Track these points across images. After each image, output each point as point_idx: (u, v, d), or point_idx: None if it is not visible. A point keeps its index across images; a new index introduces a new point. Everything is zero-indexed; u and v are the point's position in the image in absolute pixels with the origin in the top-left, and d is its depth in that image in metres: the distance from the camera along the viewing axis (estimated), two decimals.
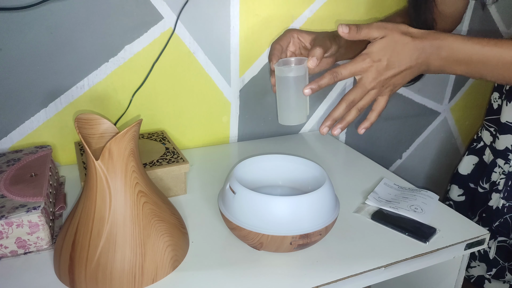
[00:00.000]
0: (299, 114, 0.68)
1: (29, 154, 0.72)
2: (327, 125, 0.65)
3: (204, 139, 0.95)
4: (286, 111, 0.68)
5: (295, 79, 0.66)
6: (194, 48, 0.85)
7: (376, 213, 0.68)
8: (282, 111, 0.69)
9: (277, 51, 0.71)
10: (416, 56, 0.62)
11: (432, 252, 0.61)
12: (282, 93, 0.68)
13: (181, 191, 0.73)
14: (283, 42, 0.73)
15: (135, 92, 0.84)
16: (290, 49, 0.75)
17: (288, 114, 0.68)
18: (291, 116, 0.69)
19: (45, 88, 0.77)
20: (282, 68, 0.67)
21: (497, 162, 0.91)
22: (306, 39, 0.74)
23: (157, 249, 0.53)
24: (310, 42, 0.73)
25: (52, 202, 0.65)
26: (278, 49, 0.72)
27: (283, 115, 0.69)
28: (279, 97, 0.68)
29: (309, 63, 0.66)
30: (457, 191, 1.04)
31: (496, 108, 0.94)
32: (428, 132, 1.26)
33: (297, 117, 0.68)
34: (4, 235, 0.55)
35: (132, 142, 0.52)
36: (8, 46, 0.72)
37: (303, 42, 0.74)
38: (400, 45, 0.61)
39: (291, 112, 0.68)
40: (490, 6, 1.14)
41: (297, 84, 0.66)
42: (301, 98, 0.67)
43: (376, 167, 0.86)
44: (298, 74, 0.66)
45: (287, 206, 0.55)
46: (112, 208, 0.51)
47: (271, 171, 0.69)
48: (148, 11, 0.79)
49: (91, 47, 0.77)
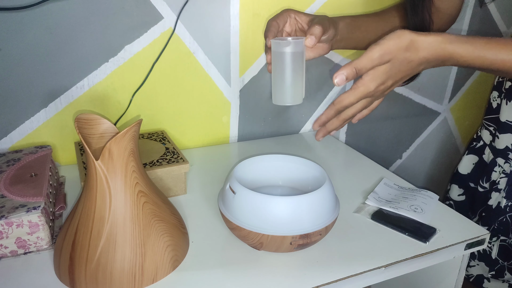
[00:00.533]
0: (295, 93, 0.65)
1: (29, 154, 0.72)
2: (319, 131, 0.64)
3: (204, 139, 0.95)
4: (281, 89, 0.65)
5: (293, 55, 0.62)
6: (194, 48, 0.85)
7: (376, 213, 0.68)
8: (277, 89, 0.65)
9: (273, 28, 0.69)
10: (421, 68, 0.61)
11: (432, 252, 0.61)
12: (277, 70, 0.64)
13: (181, 191, 0.73)
14: (280, 21, 0.71)
15: (135, 92, 0.84)
16: (286, 30, 0.72)
17: (283, 93, 0.65)
18: (286, 96, 0.65)
19: (45, 88, 0.77)
20: (280, 42, 0.63)
21: (497, 161, 0.91)
22: (303, 20, 0.72)
23: (157, 249, 0.53)
24: (307, 23, 0.71)
25: (52, 202, 0.65)
26: (275, 26, 0.69)
27: (278, 94, 0.65)
28: (274, 74, 0.65)
29: (307, 41, 0.64)
30: (457, 191, 1.04)
31: (495, 107, 0.94)
32: (428, 132, 1.26)
33: (292, 96, 0.65)
34: (4, 235, 0.55)
35: (132, 142, 0.52)
36: (8, 46, 0.72)
37: (300, 22, 0.72)
38: (405, 64, 0.60)
39: (287, 91, 0.64)
40: (489, 3, 1.13)
41: (294, 60, 0.63)
42: (298, 76, 0.64)
43: (376, 167, 0.86)
44: (295, 50, 0.62)
45: (287, 206, 0.55)
46: (112, 208, 0.51)
47: (271, 171, 0.69)
48: (148, 11, 0.79)
49: (91, 47, 0.77)
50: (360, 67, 0.58)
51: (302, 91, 0.65)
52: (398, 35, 0.59)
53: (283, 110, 1.00)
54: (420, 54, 0.59)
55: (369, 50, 0.58)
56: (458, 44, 0.59)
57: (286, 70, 0.63)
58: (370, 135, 1.15)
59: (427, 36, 0.59)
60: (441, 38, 0.59)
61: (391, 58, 0.59)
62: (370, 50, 0.58)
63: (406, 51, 0.59)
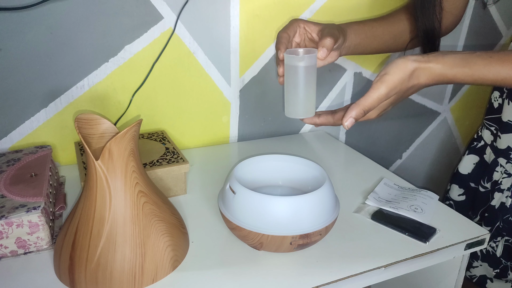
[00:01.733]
0: (308, 106, 0.65)
1: (29, 154, 0.72)
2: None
3: (204, 139, 0.95)
4: (294, 103, 0.65)
5: (306, 69, 0.63)
6: (194, 48, 0.85)
7: (376, 213, 0.68)
8: (290, 103, 0.66)
9: (284, 40, 0.69)
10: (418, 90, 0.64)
11: (432, 252, 0.61)
12: (291, 83, 0.64)
13: (181, 191, 0.73)
14: (290, 32, 0.71)
15: (135, 92, 0.84)
16: (296, 40, 0.72)
17: (296, 106, 0.65)
18: (299, 109, 0.65)
19: (45, 88, 0.77)
20: (294, 57, 0.63)
21: (499, 161, 0.91)
22: (312, 30, 0.72)
23: (157, 249, 0.53)
24: (317, 33, 0.71)
25: (52, 202, 0.65)
26: (286, 37, 0.69)
27: (291, 107, 0.66)
28: (288, 88, 0.65)
29: (319, 54, 0.64)
30: (457, 191, 1.04)
31: (496, 107, 0.94)
32: (428, 132, 1.26)
33: (305, 109, 0.66)
34: (4, 235, 0.55)
35: (132, 142, 0.52)
36: (8, 46, 0.72)
37: (310, 32, 0.72)
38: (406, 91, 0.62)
39: (300, 104, 0.65)
40: (491, 6, 1.14)
41: (307, 74, 0.63)
42: (311, 89, 0.64)
43: (376, 167, 0.86)
44: (309, 64, 0.63)
45: (287, 206, 0.55)
46: (112, 208, 0.51)
47: (271, 171, 0.68)
48: (148, 11, 0.79)
49: (91, 47, 0.77)
50: (369, 107, 0.59)
51: (314, 103, 0.67)
52: (401, 68, 0.59)
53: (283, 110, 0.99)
54: (421, 81, 0.61)
55: (376, 88, 0.59)
56: (458, 68, 0.60)
57: (299, 84, 0.64)
58: (370, 135, 1.15)
59: (428, 63, 0.60)
60: (440, 65, 0.60)
61: (396, 92, 0.60)
62: (376, 88, 0.59)
63: (409, 81, 0.60)
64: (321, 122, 0.66)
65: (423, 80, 0.61)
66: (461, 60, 0.60)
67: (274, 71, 0.95)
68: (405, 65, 0.59)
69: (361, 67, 1.04)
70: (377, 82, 0.59)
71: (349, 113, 0.59)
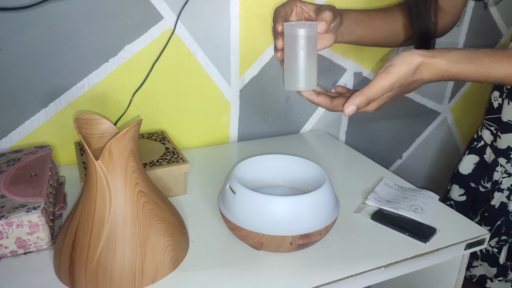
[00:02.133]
0: (309, 78, 0.64)
1: (29, 154, 0.72)
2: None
3: (204, 139, 0.95)
4: (295, 74, 0.63)
5: (308, 38, 0.62)
6: (194, 48, 0.85)
7: (376, 213, 0.68)
8: (290, 74, 0.64)
9: (282, 14, 0.68)
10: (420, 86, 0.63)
11: (432, 252, 0.61)
12: (291, 54, 0.63)
13: (181, 191, 0.73)
14: (287, 8, 0.70)
15: (135, 92, 0.84)
16: (292, 19, 0.72)
17: (297, 78, 0.63)
18: (299, 80, 0.63)
19: (45, 88, 0.77)
20: (295, 24, 0.62)
21: (499, 161, 0.91)
22: (309, 9, 0.71)
23: (157, 249, 0.53)
24: (314, 11, 0.71)
25: (52, 202, 0.65)
26: (283, 12, 0.69)
27: (291, 79, 0.64)
28: (288, 59, 0.63)
29: (319, 26, 0.63)
30: (457, 191, 1.04)
31: (496, 107, 0.94)
32: (428, 132, 1.26)
33: (306, 81, 0.64)
34: (4, 235, 0.55)
35: (132, 142, 0.52)
36: (8, 46, 0.72)
37: (306, 11, 0.72)
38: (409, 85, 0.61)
39: (300, 75, 0.63)
40: (492, 6, 1.14)
41: (308, 44, 0.62)
42: (312, 60, 0.63)
43: (376, 167, 0.86)
44: (311, 33, 0.62)
45: (287, 206, 0.55)
46: (112, 208, 0.51)
47: (271, 171, 0.68)
48: (148, 11, 0.79)
49: (91, 47, 0.77)
50: (372, 97, 0.58)
51: (315, 76, 0.64)
52: (406, 61, 0.58)
53: (283, 110, 1.00)
54: (425, 76, 0.60)
55: (380, 79, 0.58)
56: (463, 65, 0.59)
57: (300, 54, 0.62)
58: (370, 135, 1.15)
59: (434, 58, 0.59)
60: (445, 61, 0.59)
61: (400, 85, 0.59)
62: (381, 79, 0.58)
63: (413, 75, 0.59)
64: (318, 101, 0.65)
65: (426, 76, 0.60)
66: (466, 56, 0.59)
67: (274, 71, 0.95)
68: (411, 58, 0.58)
69: (361, 66, 1.04)
70: (382, 72, 0.58)
71: (351, 100, 0.58)
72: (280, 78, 0.96)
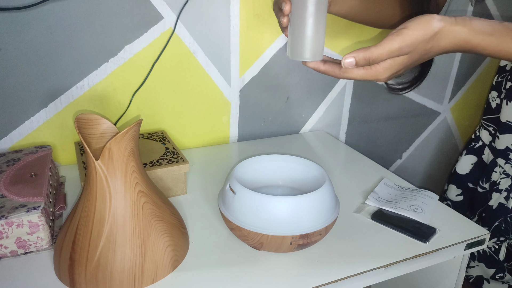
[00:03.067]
0: (316, 48, 0.60)
1: (29, 154, 0.72)
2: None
3: (204, 139, 0.95)
4: (301, 42, 0.59)
5: (317, 3, 0.58)
6: (194, 48, 0.85)
7: (376, 213, 0.68)
8: (295, 42, 0.60)
9: None
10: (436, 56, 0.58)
11: (432, 252, 0.61)
12: (298, 20, 0.59)
13: (181, 191, 0.73)
14: None
15: (135, 92, 0.84)
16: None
17: (303, 46, 0.59)
18: (306, 49, 0.60)
19: (45, 88, 0.77)
20: None
21: (497, 161, 0.91)
22: None
23: (157, 249, 0.53)
24: None
25: (52, 202, 0.65)
26: None
27: (297, 47, 0.60)
28: (294, 26, 0.60)
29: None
30: (455, 191, 1.04)
31: (494, 107, 0.94)
32: (428, 132, 1.26)
33: (312, 51, 0.60)
34: (4, 235, 0.55)
35: (132, 142, 0.52)
36: (8, 46, 0.72)
37: None
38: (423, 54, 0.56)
39: (307, 44, 0.59)
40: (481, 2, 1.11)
41: (318, 10, 0.58)
42: (320, 29, 0.59)
43: (376, 167, 0.86)
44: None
45: (287, 206, 0.55)
46: (112, 208, 0.51)
47: (271, 171, 0.69)
48: (148, 11, 0.79)
49: (91, 47, 0.77)
50: (375, 57, 0.54)
51: (322, 47, 0.60)
52: (423, 25, 0.53)
53: (283, 110, 1.00)
54: (442, 44, 0.55)
55: (389, 40, 0.53)
56: (484, 36, 0.54)
57: (308, 20, 0.58)
58: (370, 135, 1.15)
59: (455, 25, 0.54)
60: (467, 30, 0.54)
61: (412, 50, 0.54)
62: (390, 40, 0.53)
63: (429, 41, 0.54)
64: (325, 69, 0.60)
65: (443, 44, 0.55)
66: (489, 27, 0.54)
67: (274, 71, 0.95)
68: (430, 23, 0.53)
69: None
70: (393, 34, 0.53)
71: (353, 52, 0.54)
72: (280, 78, 0.96)
